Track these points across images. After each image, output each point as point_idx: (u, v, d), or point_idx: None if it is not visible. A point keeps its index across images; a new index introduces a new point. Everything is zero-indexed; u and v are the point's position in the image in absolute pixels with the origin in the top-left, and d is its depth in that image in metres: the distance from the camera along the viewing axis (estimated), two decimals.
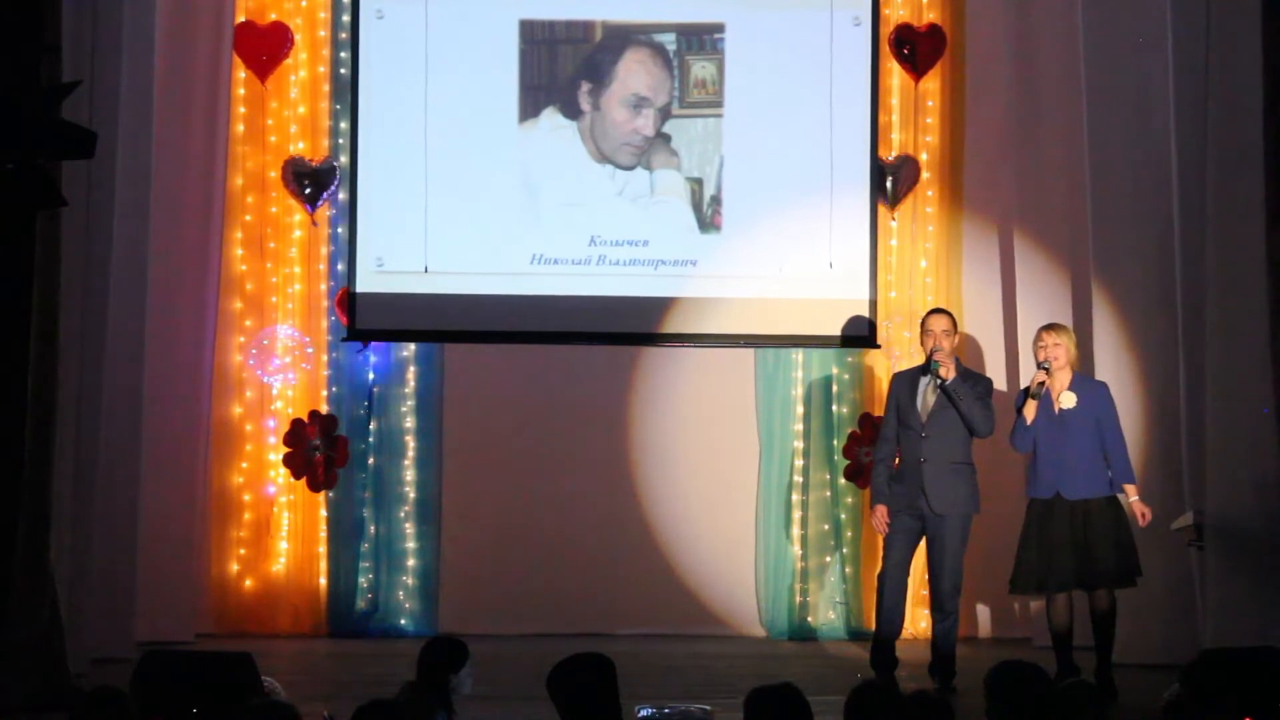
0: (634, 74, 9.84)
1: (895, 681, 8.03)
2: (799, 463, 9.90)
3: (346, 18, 9.81)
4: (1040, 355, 8.17)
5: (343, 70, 9.85)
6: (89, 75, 8.09)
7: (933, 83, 9.98)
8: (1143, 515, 8.15)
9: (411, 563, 9.84)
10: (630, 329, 9.83)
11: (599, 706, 5.12)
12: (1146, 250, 8.99)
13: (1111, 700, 7.74)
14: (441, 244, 9.74)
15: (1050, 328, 8.26)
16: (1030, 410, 8.16)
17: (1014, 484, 9.13)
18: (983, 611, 9.82)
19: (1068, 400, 8.14)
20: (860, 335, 9.77)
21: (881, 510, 8.35)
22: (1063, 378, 8.18)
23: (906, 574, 8.38)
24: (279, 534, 9.84)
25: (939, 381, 8.21)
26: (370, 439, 9.86)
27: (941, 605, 8.31)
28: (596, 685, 5.15)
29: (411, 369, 9.90)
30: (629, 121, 9.82)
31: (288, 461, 9.75)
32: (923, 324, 8.43)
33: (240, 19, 9.76)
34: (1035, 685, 5.10)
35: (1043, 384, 8.12)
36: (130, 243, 8.85)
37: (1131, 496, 8.15)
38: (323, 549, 9.86)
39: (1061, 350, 8.16)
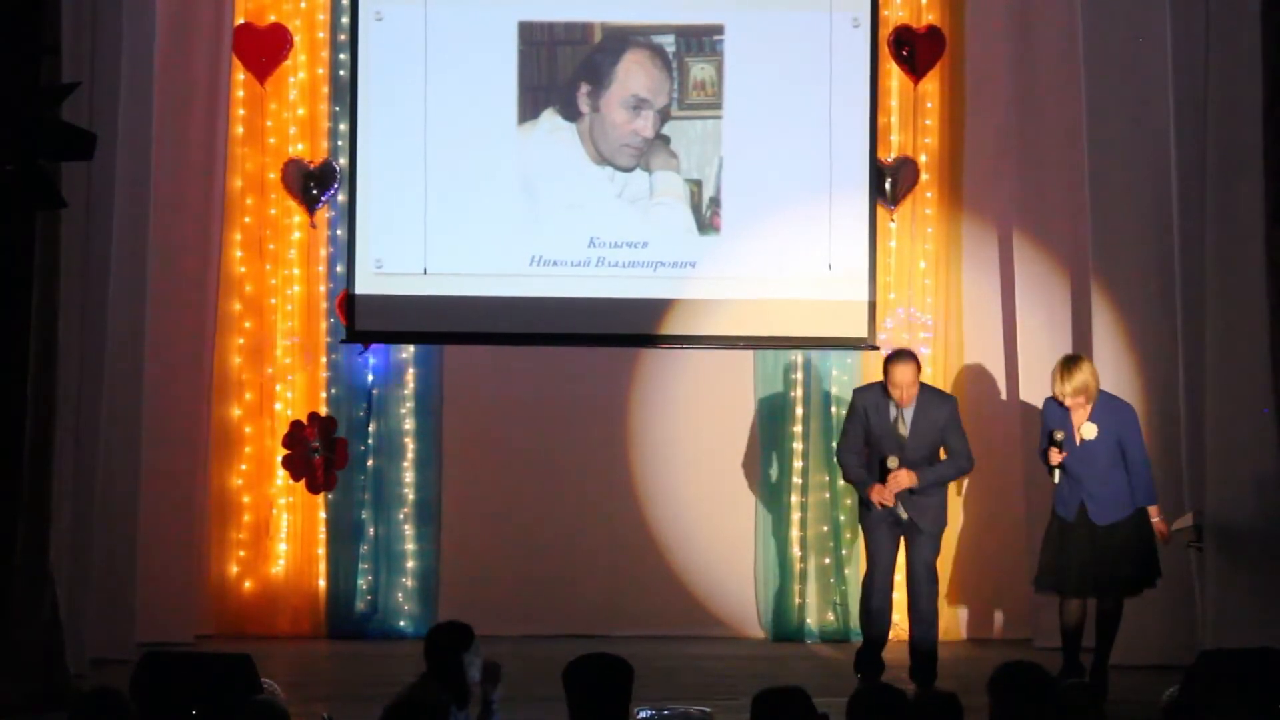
0: (633, 75, 9.83)
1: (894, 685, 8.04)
2: (798, 464, 9.88)
3: (346, 19, 9.79)
4: (1067, 404, 8.05)
5: (342, 72, 9.84)
6: (89, 75, 8.10)
7: (932, 84, 9.97)
8: (1162, 535, 8.16)
9: (411, 564, 9.82)
10: (629, 331, 9.81)
11: (608, 709, 5.10)
12: (1146, 250, 8.98)
13: (1101, 698, 7.74)
14: (441, 246, 9.73)
15: (1068, 371, 8.08)
16: (1055, 459, 8.09)
17: (1014, 486, 9.15)
18: (983, 612, 9.81)
19: (1089, 432, 8.09)
20: (859, 337, 9.76)
21: (878, 486, 8.29)
22: (1082, 412, 8.13)
23: (892, 578, 8.47)
24: (278, 536, 9.83)
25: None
26: (369, 441, 9.84)
27: (920, 611, 8.38)
28: (611, 688, 5.12)
29: (411, 371, 9.89)
30: (628, 123, 9.81)
31: (287, 463, 9.74)
32: (886, 370, 8.38)
33: (239, 20, 9.75)
34: (1039, 686, 5.08)
35: (1061, 451, 8.02)
36: (130, 243, 8.85)
37: (1153, 519, 8.15)
38: (322, 551, 9.84)
39: (1083, 398, 8.06)
